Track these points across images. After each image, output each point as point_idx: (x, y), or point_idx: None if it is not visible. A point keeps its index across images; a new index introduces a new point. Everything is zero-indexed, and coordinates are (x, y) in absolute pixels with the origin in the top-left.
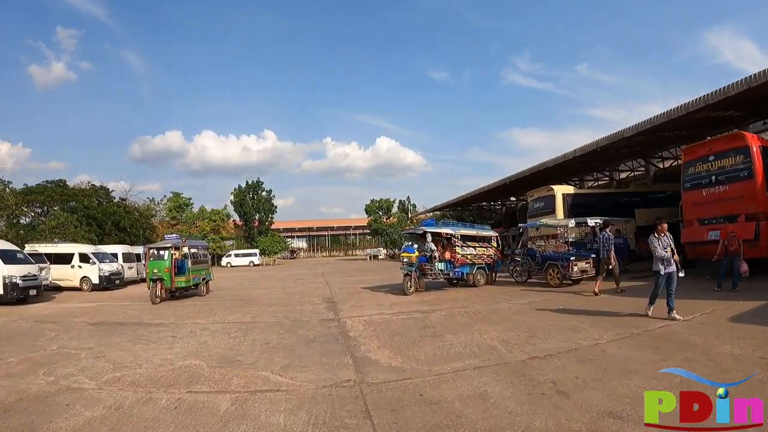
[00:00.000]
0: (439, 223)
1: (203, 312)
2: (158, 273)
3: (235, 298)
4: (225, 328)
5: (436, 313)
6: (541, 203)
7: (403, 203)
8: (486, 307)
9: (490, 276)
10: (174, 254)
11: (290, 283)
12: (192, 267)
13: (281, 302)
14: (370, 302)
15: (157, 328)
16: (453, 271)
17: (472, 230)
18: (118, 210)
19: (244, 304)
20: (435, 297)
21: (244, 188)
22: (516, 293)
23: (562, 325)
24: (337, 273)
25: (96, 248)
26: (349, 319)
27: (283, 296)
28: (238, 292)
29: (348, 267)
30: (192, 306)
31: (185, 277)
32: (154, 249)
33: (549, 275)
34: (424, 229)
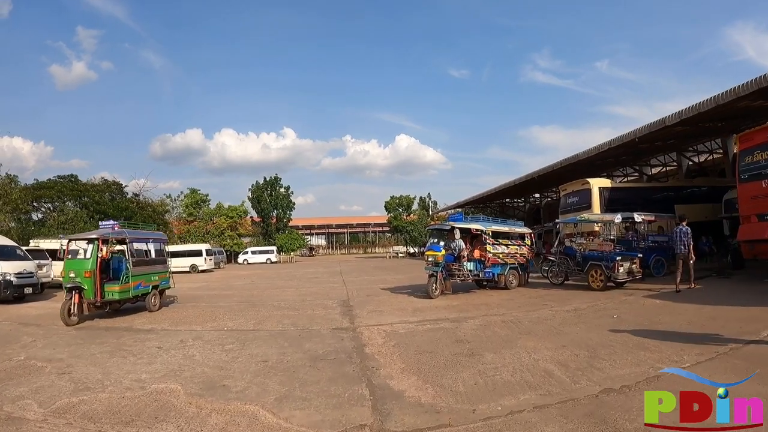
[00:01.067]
0: (468, 218)
1: (203, 316)
2: (76, 279)
3: (242, 299)
4: (221, 337)
5: (469, 322)
6: (576, 198)
7: (424, 200)
8: (526, 315)
9: (523, 277)
10: (102, 250)
11: (305, 282)
12: (135, 270)
13: (292, 305)
14: (391, 307)
15: (145, 336)
16: (483, 271)
17: (504, 226)
18: (131, 206)
19: (250, 306)
20: (464, 301)
21: (262, 184)
22: (556, 298)
23: (626, 342)
24: (356, 272)
25: None
26: (366, 329)
27: (295, 298)
28: (247, 292)
29: (367, 265)
30: (192, 308)
31: (121, 286)
32: (74, 241)
33: (591, 277)
34: (452, 225)
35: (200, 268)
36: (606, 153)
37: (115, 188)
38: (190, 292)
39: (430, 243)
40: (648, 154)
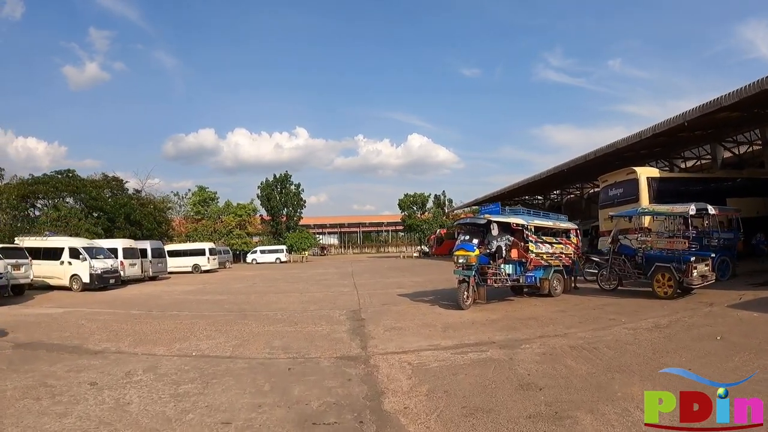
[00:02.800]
0: (506, 211)
1: (177, 331)
2: None
3: (234, 307)
4: (182, 369)
5: (526, 350)
6: (619, 189)
7: (439, 198)
8: (595, 335)
9: (569, 282)
10: None
11: (312, 285)
12: None
13: (290, 316)
14: (414, 321)
15: (88, 362)
16: (524, 275)
17: (548, 221)
18: (130, 202)
19: (240, 318)
20: (505, 313)
21: (272, 182)
22: (619, 308)
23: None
24: (368, 272)
25: (90, 242)
26: (383, 360)
27: (298, 306)
28: (243, 297)
29: (380, 266)
30: (170, 320)
31: None
32: None
33: (657, 282)
34: (488, 218)
35: (203, 268)
36: (646, 141)
37: (115, 184)
38: (180, 297)
39: (461, 241)
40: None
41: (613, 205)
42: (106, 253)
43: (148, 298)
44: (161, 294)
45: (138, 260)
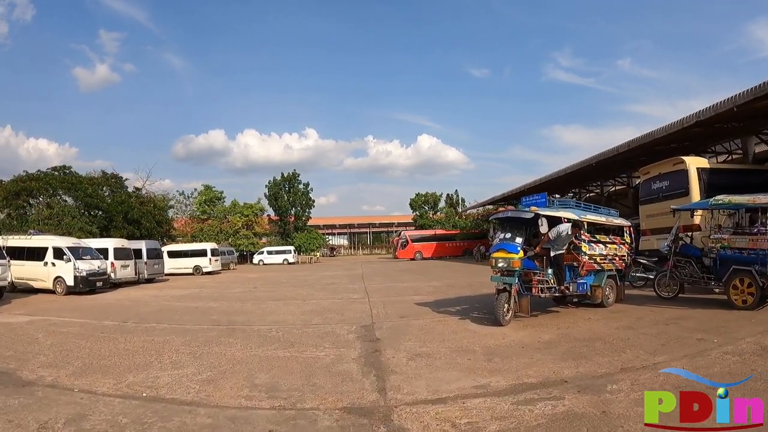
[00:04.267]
0: (554, 203)
1: (141, 353)
2: None
3: (225, 318)
4: (114, 425)
5: (617, 395)
6: (665, 182)
7: (451, 197)
8: (693, 364)
9: (622, 288)
10: None
11: (318, 290)
12: None
13: (288, 333)
14: (444, 343)
15: (2, 403)
16: (575, 282)
17: (600, 216)
18: (128, 200)
19: (227, 333)
20: (558, 332)
21: (279, 180)
22: (699, 323)
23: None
24: (380, 275)
25: (77, 241)
26: (412, 416)
27: (299, 317)
28: (238, 305)
29: (392, 267)
30: (142, 335)
31: None
32: None
33: (734, 289)
34: (536, 212)
35: (204, 270)
36: (687, 130)
37: (114, 182)
38: (168, 303)
39: (500, 240)
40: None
41: (657, 199)
42: (93, 253)
43: (132, 304)
44: (149, 300)
45: (131, 261)
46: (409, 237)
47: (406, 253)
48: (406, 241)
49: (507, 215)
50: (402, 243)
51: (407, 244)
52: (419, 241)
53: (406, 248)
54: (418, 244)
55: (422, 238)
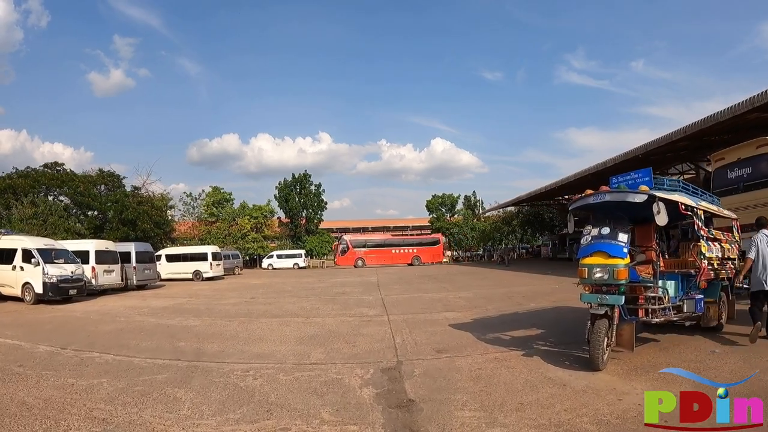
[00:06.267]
0: (664, 183)
1: (40, 411)
2: None
3: (194, 345)
4: None
5: None
6: (746, 169)
7: (469, 199)
8: None
9: (732, 305)
10: None
11: (326, 302)
12: None
13: (265, 386)
14: (525, 415)
15: None
16: (691, 299)
17: (712, 204)
18: (123, 198)
19: (183, 376)
20: (697, 386)
21: (290, 182)
22: None
23: None
24: (398, 283)
25: (51, 243)
26: None
27: (293, 348)
28: (224, 324)
29: (410, 273)
30: (68, 372)
31: None
32: None
33: None
34: (649, 192)
35: (205, 275)
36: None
37: (110, 180)
38: (138, 320)
39: (593, 237)
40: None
41: (738, 191)
42: (69, 256)
43: (98, 319)
44: (122, 313)
45: (116, 266)
46: (349, 242)
47: (347, 260)
48: (346, 247)
49: (602, 199)
50: (342, 249)
51: (347, 250)
52: (362, 247)
53: (346, 254)
54: (361, 250)
55: (366, 244)
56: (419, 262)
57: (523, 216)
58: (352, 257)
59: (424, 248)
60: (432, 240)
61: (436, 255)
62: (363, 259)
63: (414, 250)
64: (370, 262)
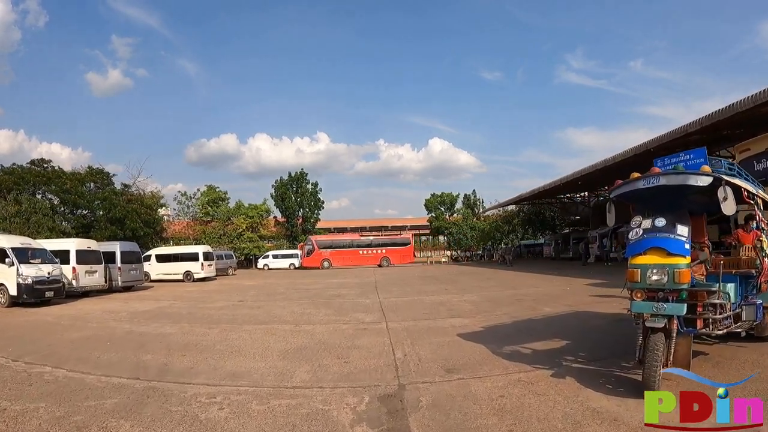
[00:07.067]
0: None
1: None
2: None
3: (161, 358)
4: None
5: None
6: None
7: (469, 198)
8: None
9: None
10: None
11: (319, 306)
12: None
13: (230, 419)
14: None
15: None
16: (755, 304)
17: (759, 188)
18: (111, 196)
19: (134, 402)
20: None
21: (287, 180)
22: None
23: None
24: (398, 284)
25: (27, 242)
26: None
27: (271, 368)
28: (203, 331)
29: (409, 273)
30: None
31: None
32: None
33: None
34: (714, 174)
35: (196, 276)
36: None
37: (99, 178)
38: (110, 326)
39: (645, 229)
40: None
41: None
42: (47, 256)
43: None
44: (96, 318)
45: (99, 266)
46: (315, 243)
47: (312, 261)
48: (312, 248)
49: (655, 183)
50: (308, 249)
51: (313, 251)
52: (328, 248)
53: (312, 255)
54: (327, 251)
55: (333, 245)
56: (388, 264)
57: (524, 215)
58: (318, 258)
59: (393, 249)
60: (402, 240)
61: (406, 256)
62: (329, 260)
63: (383, 250)
64: (336, 263)
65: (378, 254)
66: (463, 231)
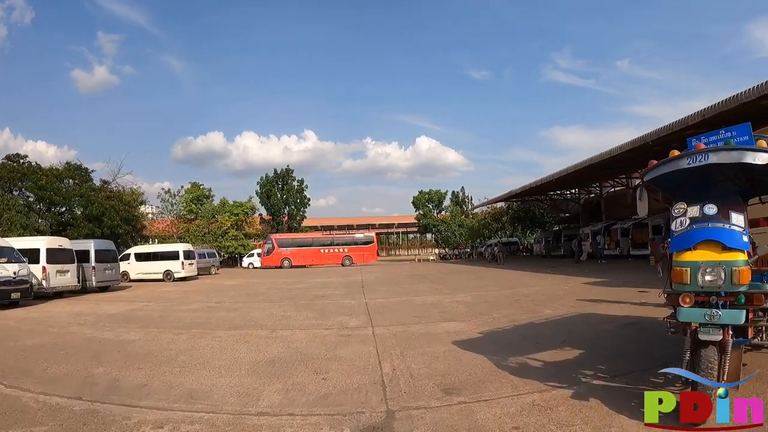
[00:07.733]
0: None
1: None
2: None
3: (113, 372)
4: None
5: None
6: None
7: (457, 195)
8: None
9: None
10: None
11: (300, 309)
12: None
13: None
14: None
15: None
16: None
17: None
18: (88, 193)
19: (81, 424)
20: None
21: (272, 177)
22: None
23: None
24: (385, 283)
25: None
26: None
27: (237, 385)
28: (167, 339)
29: (397, 272)
30: None
31: None
32: None
33: None
34: None
35: (176, 275)
36: None
37: (77, 174)
38: (72, 331)
39: (692, 220)
40: None
41: None
42: (14, 255)
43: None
44: (60, 321)
45: (71, 266)
46: (275, 241)
47: (272, 260)
48: (272, 246)
49: (703, 161)
50: (268, 248)
51: (273, 249)
52: (289, 246)
53: (272, 254)
54: (288, 249)
55: (293, 243)
56: (351, 263)
57: (513, 212)
58: (277, 257)
59: (356, 248)
60: (365, 239)
61: (369, 255)
62: (289, 259)
63: (345, 249)
64: (297, 262)
65: (340, 253)
66: (451, 228)
